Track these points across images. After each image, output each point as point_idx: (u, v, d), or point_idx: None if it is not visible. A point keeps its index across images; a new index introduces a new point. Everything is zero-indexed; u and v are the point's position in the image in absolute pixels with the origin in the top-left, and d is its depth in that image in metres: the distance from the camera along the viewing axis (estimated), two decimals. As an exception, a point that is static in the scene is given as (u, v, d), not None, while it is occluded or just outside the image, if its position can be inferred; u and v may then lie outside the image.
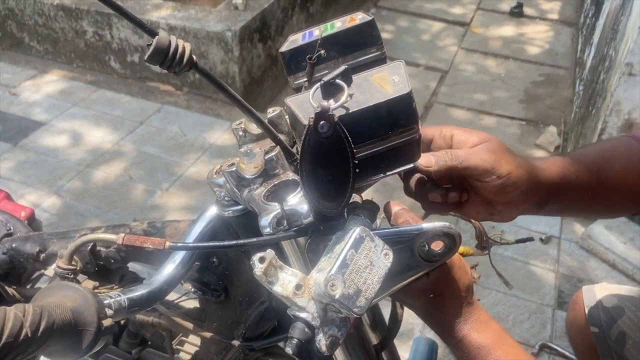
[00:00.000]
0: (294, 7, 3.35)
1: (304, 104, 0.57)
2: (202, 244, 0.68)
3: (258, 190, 0.59)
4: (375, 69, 0.60)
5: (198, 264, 0.77)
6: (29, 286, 1.00)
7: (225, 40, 2.88)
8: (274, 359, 0.87)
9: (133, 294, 0.62)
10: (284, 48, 0.66)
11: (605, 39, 2.65)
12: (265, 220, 0.57)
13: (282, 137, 0.62)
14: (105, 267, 0.83)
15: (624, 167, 0.76)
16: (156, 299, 0.66)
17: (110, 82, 3.25)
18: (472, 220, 0.76)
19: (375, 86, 0.57)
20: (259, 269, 0.52)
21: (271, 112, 0.66)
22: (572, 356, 1.81)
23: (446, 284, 0.64)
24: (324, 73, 0.61)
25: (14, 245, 0.89)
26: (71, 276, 0.70)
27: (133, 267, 0.88)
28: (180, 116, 2.98)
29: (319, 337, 0.54)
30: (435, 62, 3.62)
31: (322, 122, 0.49)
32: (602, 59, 2.54)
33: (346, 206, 0.55)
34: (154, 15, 3.03)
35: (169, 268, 0.68)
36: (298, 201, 0.58)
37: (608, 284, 1.17)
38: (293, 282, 0.53)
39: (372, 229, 0.58)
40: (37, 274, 1.00)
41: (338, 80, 0.54)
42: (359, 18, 0.65)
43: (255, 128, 0.65)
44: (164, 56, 0.48)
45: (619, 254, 2.16)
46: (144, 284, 0.66)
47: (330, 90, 0.54)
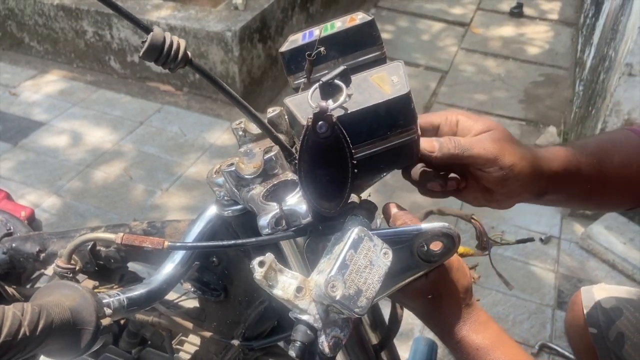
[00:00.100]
0: (293, 8, 3.35)
1: (303, 104, 0.57)
2: (201, 243, 0.68)
3: (257, 190, 0.59)
4: (374, 69, 0.60)
5: (198, 263, 0.77)
6: (29, 286, 1.00)
7: (225, 40, 2.88)
8: (273, 359, 0.87)
9: (132, 293, 0.62)
10: (284, 48, 0.66)
11: (605, 39, 2.65)
12: (264, 220, 0.57)
13: (282, 137, 0.62)
14: (105, 267, 0.83)
15: (623, 160, 0.75)
16: (155, 298, 0.66)
17: (110, 82, 3.25)
18: (473, 220, 0.76)
19: (374, 86, 0.57)
20: (258, 273, 0.52)
21: (271, 112, 0.66)
22: (572, 356, 1.81)
23: (444, 286, 0.64)
24: (323, 73, 0.61)
25: (14, 244, 0.89)
26: (70, 275, 0.71)
27: (133, 267, 0.88)
28: (180, 116, 2.98)
29: (322, 339, 0.53)
30: (435, 63, 3.62)
31: (321, 123, 0.49)
32: (602, 59, 2.54)
33: (345, 206, 0.55)
34: (154, 15, 3.03)
35: (169, 267, 0.68)
36: (297, 201, 0.58)
37: (606, 285, 1.17)
38: (293, 285, 0.53)
39: (371, 229, 0.58)
40: (37, 274, 1.00)
41: (337, 81, 0.54)
42: (359, 18, 0.65)
43: (255, 128, 0.65)
44: (158, 52, 0.48)
45: (618, 254, 2.16)
46: (143, 283, 0.66)
47: (329, 90, 0.54)
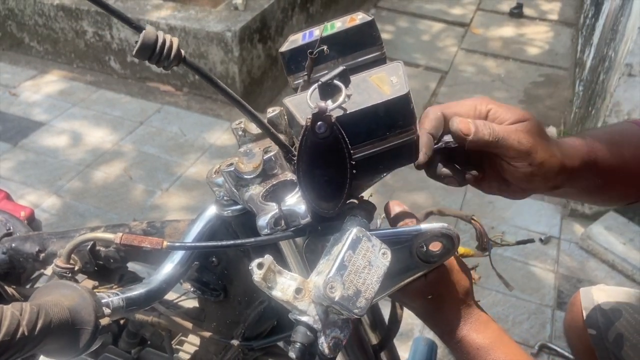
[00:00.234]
0: (293, 8, 3.35)
1: (302, 104, 0.57)
2: (200, 243, 0.68)
3: (256, 190, 0.59)
4: (374, 70, 0.60)
5: (197, 263, 0.77)
6: (29, 286, 1.00)
7: (225, 40, 2.88)
8: (273, 359, 0.87)
9: (131, 293, 0.62)
10: (284, 48, 0.66)
11: (604, 40, 2.65)
12: (263, 221, 0.57)
13: (282, 137, 0.62)
14: (104, 267, 0.83)
15: (633, 152, 0.73)
16: (155, 298, 0.66)
17: (110, 83, 3.25)
18: (473, 221, 0.76)
19: (374, 87, 0.57)
20: (257, 275, 0.52)
21: (271, 112, 0.66)
22: (571, 357, 1.81)
23: (444, 286, 0.64)
24: (322, 73, 0.61)
25: (13, 244, 0.89)
26: (69, 275, 0.70)
27: (132, 267, 0.88)
28: (180, 116, 2.98)
29: (322, 340, 0.54)
30: (435, 63, 3.62)
31: (320, 123, 0.49)
32: (602, 59, 2.54)
33: (343, 207, 0.55)
34: (154, 15, 3.03)
35: (168, 267, 0.68)
36: (296, 201, 0.58)
37: (605, 286, 1.17)
38: (293, 286, 0.53)
39: (370, 229, 0.58)
40: (37, 274, 1.00)
41: (336, 81, 0.54)
42: (359, 18, 0.65)
43: (255, 128, 0.65)
44: (151, 51, 0.48)
45: (618, 255, 2.16)
46: (143, 283, 0.66)
47: (328, 90, 0.54)
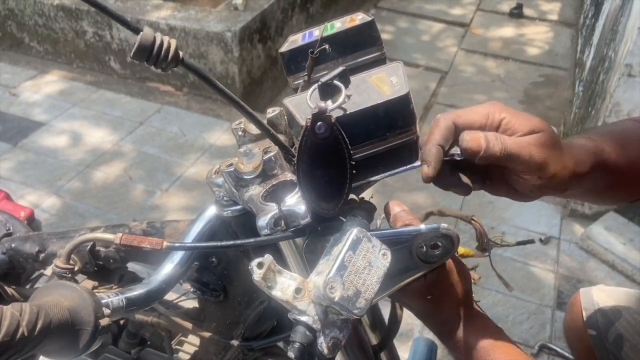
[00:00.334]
0: (293, 8, 3.35)
1: (302, 104, 0.57)
2: (200, 244, 0.68)
3: (256, 190, 0.59)
4: (373, 70, 0.60)
5: (197, 263, 0.77)
6: (29, 286, 1.00)
7: (225, 40, 2.88)
8: (273, 359, 0.87)
9: (131, 294, 0.62)
10: (284, 48, 0.66)
11: (604, 40, 2.65)
12: (263, 221, 0.57)
13: (282, 137, 0.62)
14: (104, 267, 0.83)
15: (637, 152, 0.72)
16: (154, 298, 0.65)
17: (110, 83, 3.25)
18: (473, 221, 0.76)
19: (373, 87, 0.57)
20: (257, 274, 0.52)
21: (271, 112, 0.66)
22: (571, 357, 1.81)
23: (444, 287, 0.64)
24: (322, 74, 0.61)
25: (13, 245, 0.89)
26: (69, 275, 0.70)
27: (132, 267, 0.88)
28: (180, 116, 2.98)
29: (321, 340, 0.53)
30: (435, 63, 3.62)
31: (320, 123, 0.49)
32: (602, 59, 2.54)
33: (343, 207, 0.55)
34: (154, 15, 3.03)
35: (168, 268, 0.68)
36: (296, 202, 0.58)
37: (605, 286, 1.17)
38: (292, 286, 0.53)
39: (370, 230, 0.58)
40: (37, 274, 1.00)
41: (336, 81, 0.54)
42: (359, 19, 0.65)
43: (255, 128, 0.65)
44: (148, 52, 0.47)
45: (618, 255, 2.16)
46: (143, 283, 0.66)
47: (328, 91, 0.54)
